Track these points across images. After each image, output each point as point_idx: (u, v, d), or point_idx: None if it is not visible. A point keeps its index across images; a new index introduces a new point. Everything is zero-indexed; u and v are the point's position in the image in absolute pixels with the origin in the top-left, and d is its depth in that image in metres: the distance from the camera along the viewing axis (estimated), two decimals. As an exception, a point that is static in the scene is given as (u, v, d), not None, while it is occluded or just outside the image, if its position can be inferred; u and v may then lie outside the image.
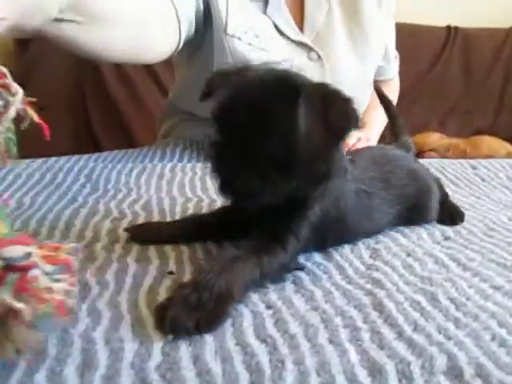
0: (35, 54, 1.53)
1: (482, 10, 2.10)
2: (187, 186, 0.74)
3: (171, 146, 0.99)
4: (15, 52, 1.61)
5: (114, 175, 0.78)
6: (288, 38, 0.90)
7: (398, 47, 1.18)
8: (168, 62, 1.64)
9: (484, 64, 1.98)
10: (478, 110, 1.90)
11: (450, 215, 0.62)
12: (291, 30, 0.90)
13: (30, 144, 1.45)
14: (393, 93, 1.13)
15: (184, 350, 0.34)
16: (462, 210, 0.64)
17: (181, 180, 0.76)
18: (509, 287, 0.43)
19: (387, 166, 0.55)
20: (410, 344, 0.34)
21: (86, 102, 1.54)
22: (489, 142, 1.56)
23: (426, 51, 1.91)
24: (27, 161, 0.87)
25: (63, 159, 0.89)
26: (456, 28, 2.02)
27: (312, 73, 0.95)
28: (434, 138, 1.64)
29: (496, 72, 1.99)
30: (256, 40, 0.87)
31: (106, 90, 1.55)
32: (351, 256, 0.50)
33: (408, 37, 1.76)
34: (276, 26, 0.89)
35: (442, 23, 2.02)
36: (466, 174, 0.83)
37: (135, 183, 0.75)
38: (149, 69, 1.63)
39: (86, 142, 1.49)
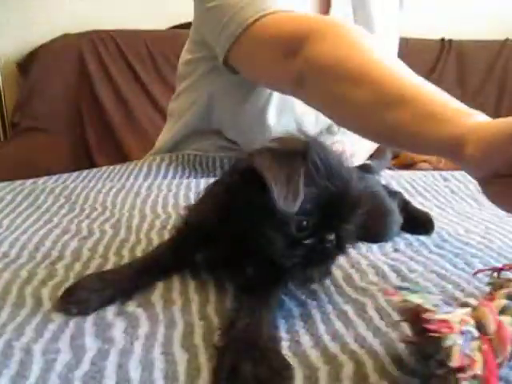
0: (36, 77, 1.59)
1: (477, 22, 2.12)
2: (160, 203, 0.77)
3: (157, 161, 1.02)
4: (17, 76, 1.68)
5: (93, 195, 0.81)
6: None
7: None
8: (165, 83, 1.70)
9: (478, 76, 1.99)
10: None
11: (422, 223, 0.64)
12: None
13: (28, 165, 1.48)
14: None
15: (112, 359, 0.36)
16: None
17: (155, 198, 0.79)
18: (441, 297, 0.44)
19: None
20: (324, 352, 0.36)
21: (83, 125, 1.59)
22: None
23: (420, 64, 1.92)
24: (18, 182, 0.91)
25: (51, 180, 0.94)
26: (450, 41, 2.04)
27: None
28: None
29: (490, 84, 1.99)
30: None
31: (103, 114, 1.61)
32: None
33: (402, 50, 1.78)
34: None
35: (437, 36, 2.04)
36: (436, 186, 0.85)
37: (111, 202, 0.78)
38: (146, 92, 1.68)
39: (83, 163, 1.54)
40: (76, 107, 1.60)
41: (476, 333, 0.30)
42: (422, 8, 2.03)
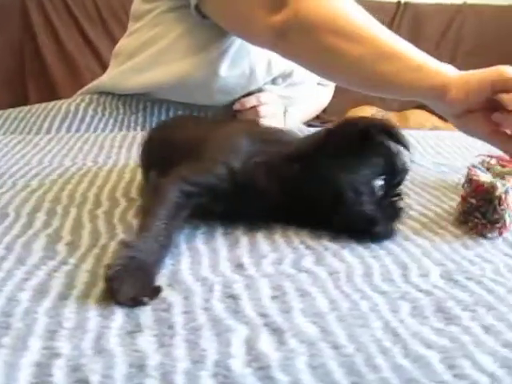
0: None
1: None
2: (51, 154, 0.81)
3: (78, 101, 1.05)
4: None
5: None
6: None
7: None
8: (111, 38, 1.70)
9: (432, 40, 1.99)
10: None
11: None
12: None
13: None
14: None
15: None
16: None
17: (50, 149, 0.83)
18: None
19: None
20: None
21: (25, 81, 1.60)
22: (416, 115, 1.61)
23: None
24: None
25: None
26: (406, 3, 2.03)
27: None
28: (368, 112, 1.68)
29: (444, 48, 1.99)
30: None
31: (46, 70, 1.61)
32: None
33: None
34: None
35: (394, -2, 2.03)
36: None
37: (5, 152, 0.81)
38: (91, 47, 1.68)
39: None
40: (18, 62, 1.60)
41: None
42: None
